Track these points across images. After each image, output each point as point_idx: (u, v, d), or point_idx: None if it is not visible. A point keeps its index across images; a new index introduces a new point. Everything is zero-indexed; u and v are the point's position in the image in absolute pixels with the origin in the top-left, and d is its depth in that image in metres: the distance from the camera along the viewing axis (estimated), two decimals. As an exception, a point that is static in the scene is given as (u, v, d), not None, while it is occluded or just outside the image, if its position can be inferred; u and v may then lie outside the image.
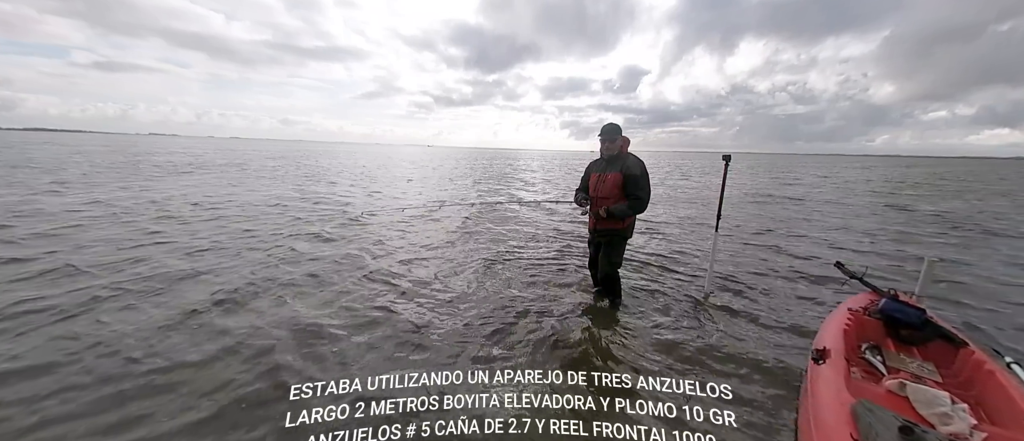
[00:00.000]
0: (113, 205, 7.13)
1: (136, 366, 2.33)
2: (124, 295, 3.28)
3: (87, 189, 8.94)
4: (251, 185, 11.13)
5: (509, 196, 10.87)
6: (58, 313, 2.94)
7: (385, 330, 2.82)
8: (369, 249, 4.90)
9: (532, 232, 6.16)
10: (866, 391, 1.76)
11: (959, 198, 12.43)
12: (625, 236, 2.98)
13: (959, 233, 6.97)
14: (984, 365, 1.92)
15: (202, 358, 2.43)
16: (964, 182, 19.79)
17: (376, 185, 12.68)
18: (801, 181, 18.27)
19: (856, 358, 2.15)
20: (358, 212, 7.46)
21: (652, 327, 2.93)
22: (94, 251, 4.41)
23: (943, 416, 1.56)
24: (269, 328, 2.81)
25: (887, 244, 6.01)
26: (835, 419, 1.47)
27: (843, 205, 10.20)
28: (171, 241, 4.94)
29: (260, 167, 17.88)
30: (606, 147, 2.87)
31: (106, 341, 2.59)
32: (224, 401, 2.06)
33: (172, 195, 8.60)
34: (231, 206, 7.61)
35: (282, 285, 3.61)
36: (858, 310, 2.50)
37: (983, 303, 3.65)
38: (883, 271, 4.58)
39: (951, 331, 2.22)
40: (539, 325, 2.90)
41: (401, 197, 10.10)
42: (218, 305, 3.15)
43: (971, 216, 8.68)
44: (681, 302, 3.44)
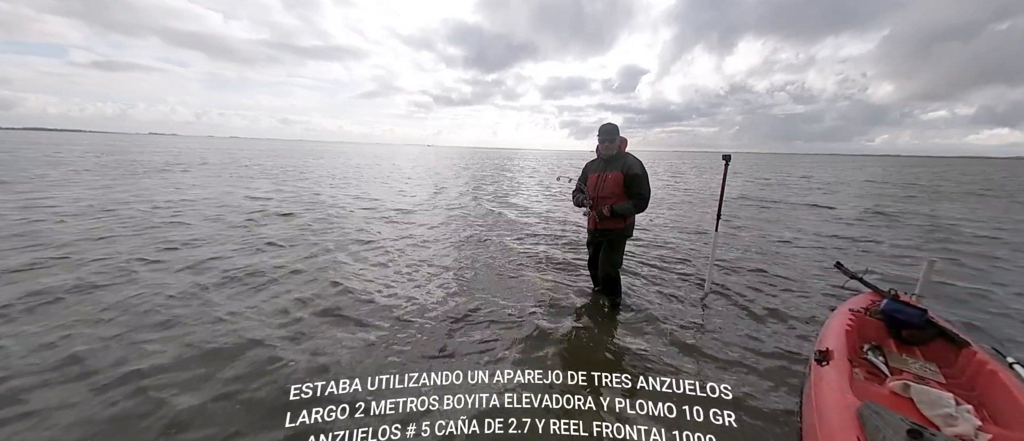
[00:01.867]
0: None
1: (122, 368, 2.31)
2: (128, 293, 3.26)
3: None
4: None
5: (508, 196, 10.86)
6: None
7: (385, 331, 2.80)
8: (368, 250, 4.88)
9: (531, 232, 6.15)
10: (870, 393, 1.75)
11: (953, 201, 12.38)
12: (626, 236, 2.97)
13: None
14: (987, 365, 1.91)
15: (201, 359, 2.41)
16: (959, 183, 19.76)
17: (365, 186, 12.62)
18: (786, 182, 17.83)
19: (858, 359, 2.14)
20: (356, 213, 7.43)
21: (652, 327, 2.92)
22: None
23: (948, 417, 1.55)
24: (269, 328, 2.79)
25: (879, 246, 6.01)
26: (841, 421, 1.46)
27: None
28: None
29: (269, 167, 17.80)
30: (604, 147, 2.87)
31: (105, 342, 2.57)
32: (223, 402, 2.04)
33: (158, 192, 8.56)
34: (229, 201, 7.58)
35: (283, 285, 3.60)
36: (859, 311, 2.49)
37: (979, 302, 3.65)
38: (881, 272, 4.57)
39: (953, 331, 2.21)
40: (539, 325, 2.89)
41: (398, 197, 10.08)
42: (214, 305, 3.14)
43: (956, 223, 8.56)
44: (681, 302, 3.43)
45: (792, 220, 7.97)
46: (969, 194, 14.39)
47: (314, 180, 13.10)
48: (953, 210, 9.98)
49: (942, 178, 23.70)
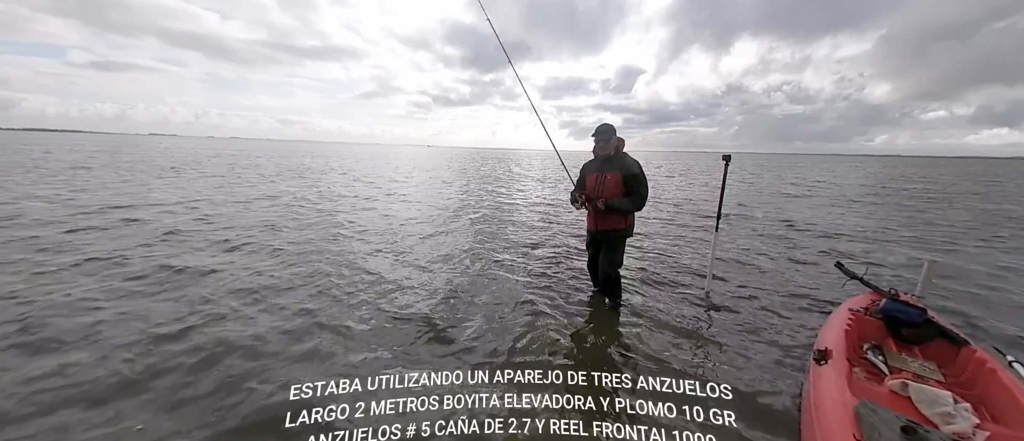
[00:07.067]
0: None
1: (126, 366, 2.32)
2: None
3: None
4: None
5: (507, 196, 10.86)
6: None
7: (384, 331, 2.81)
8: (365, 251, 4.89)
9: (531, 233, 6.15)
10: (868, 391, 1.76)
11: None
12: (626, 236, 2.98)
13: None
14: (986, 364, 1.91)
15: (199, 360, 2.42)
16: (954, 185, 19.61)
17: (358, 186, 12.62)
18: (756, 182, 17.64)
19: (858, 358, 2.14)
20: (354, 213, 7.44)
21: (652, 327, 2.92)
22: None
23: (946, 416, 1.55)
24: (267, 328, 2.80)
25: (889, 245, 6.01)
26: (838, 420, 1.46)
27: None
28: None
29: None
30: (600, 147, 2.89)
31: (102, 343, 2.58)
32: (223, 402, 2.05)
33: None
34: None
35: (281, 283, 3.61)
36: (859, 310, 2.49)
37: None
38: (880, 271, 4.57)
39: (953, 330, 2.21)
40: (539, 325, 2.89)
41: (398, 194, 10.08)
42: (211, 303, 3.15)
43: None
44: (681, 302, 3.43)
45: (794, 219, 7.95)
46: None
47: (314, 179, 13.11)
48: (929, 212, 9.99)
49: (933, 181, 23.54)
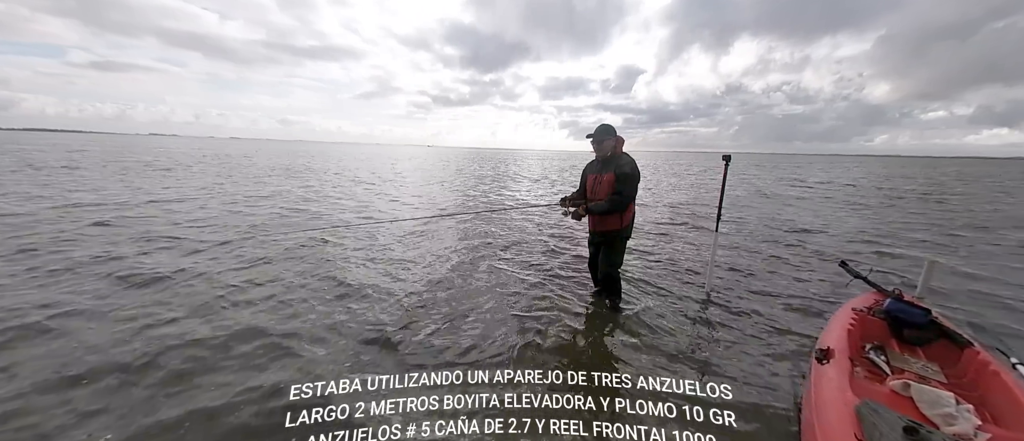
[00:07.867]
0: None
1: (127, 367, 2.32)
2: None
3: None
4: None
5: (506, 197, 10.86)
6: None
7: (384, 331, 2.81)
8: (364, 252, 4.89)
9: (531, 232, 6.14)
10: (870, 391, 1.75)
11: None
12: (625, 236, 2.98)
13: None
14: (989, 365, 1.90)
15: (200, 361, 2.42)
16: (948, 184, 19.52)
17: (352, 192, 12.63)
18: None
19: (860, 358, 2.13)
20: (348, 213, 7.44)
21: (652, 327, 2.91)
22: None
23: (947, 416, 1.55)
24: (267, 328, 2.80)
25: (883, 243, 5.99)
26: (839, 419, 1.46)
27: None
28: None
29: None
30: (595, 147, 2.90)
31: (99, 345, 2.59)
32: (223, 403, 2.05)
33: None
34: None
35: (282, 282, 3.61)
36: (862, 310, 2.48)
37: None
38: (882, 271, 4.55)
39: (956, 331, 2.20)
40: (539, 325, 2.89)
41: (398, 194, 10.09)
42: (210, 305, 3.15)
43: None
44: (681, 302, 3.42)
45: (795, 219, 7.93)
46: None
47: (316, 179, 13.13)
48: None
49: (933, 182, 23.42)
